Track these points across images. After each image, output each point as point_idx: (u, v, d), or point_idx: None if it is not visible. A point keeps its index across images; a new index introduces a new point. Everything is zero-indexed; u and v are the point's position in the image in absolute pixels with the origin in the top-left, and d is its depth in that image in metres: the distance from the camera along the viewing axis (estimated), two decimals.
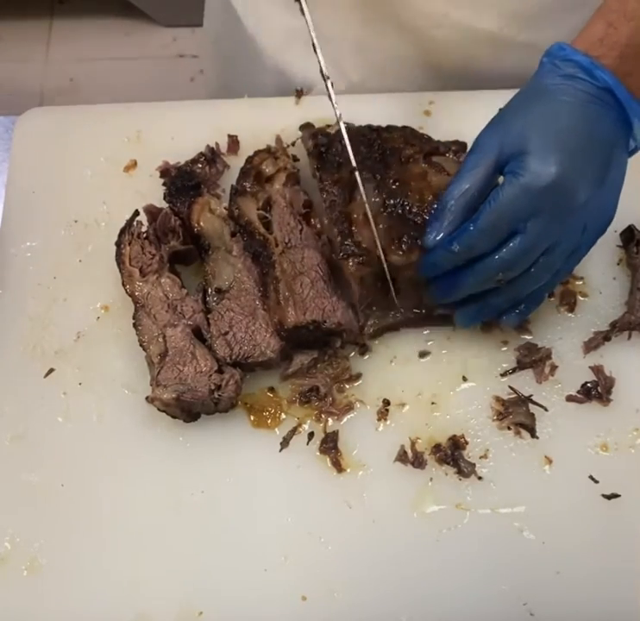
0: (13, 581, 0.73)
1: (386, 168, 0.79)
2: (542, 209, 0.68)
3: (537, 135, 0.69)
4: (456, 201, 0.71)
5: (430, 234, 0.72)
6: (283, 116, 0.93)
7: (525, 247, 0.70)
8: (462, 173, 0.72)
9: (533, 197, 0.68)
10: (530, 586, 0.73)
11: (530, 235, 0.69)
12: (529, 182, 0.68)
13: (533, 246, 0.70)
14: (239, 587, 0.73)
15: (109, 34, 2.35)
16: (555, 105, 0.70)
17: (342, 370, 0.80)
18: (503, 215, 0.69)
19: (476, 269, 0.72)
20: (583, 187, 0.69)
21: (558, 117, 0.70)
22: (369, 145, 0.81)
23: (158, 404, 0.75)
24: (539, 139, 0.68)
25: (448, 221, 0.71)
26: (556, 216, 0.69)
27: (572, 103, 0.69)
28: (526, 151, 0.68)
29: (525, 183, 0.68)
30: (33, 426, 0.79)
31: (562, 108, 0.70)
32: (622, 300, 0.84)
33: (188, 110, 0.96)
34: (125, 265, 0.81)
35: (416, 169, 0.79)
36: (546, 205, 0.68)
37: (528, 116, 0.70)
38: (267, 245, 0.80)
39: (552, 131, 0.69)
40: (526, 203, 0.68)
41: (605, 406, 0.79)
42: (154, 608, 0.72)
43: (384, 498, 0.76)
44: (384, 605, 0.72)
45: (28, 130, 0.94)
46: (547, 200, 0.68)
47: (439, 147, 0.84)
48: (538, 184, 0.67)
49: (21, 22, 2.36)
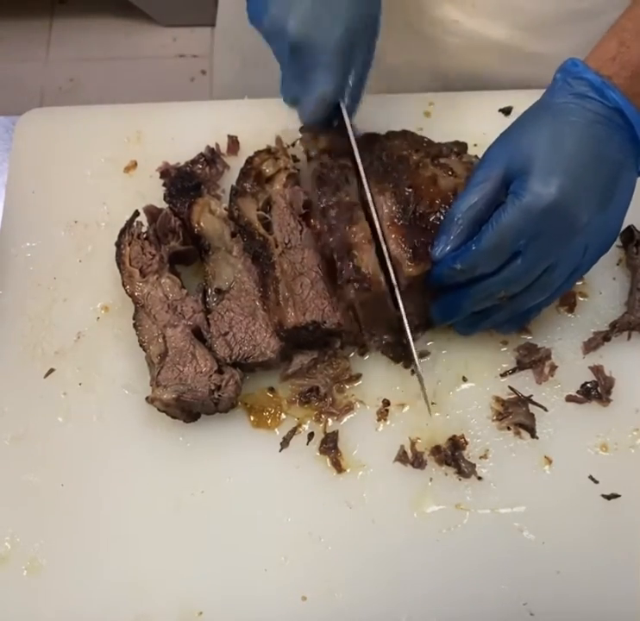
0: (13, 581, 0.73)
1: (399, 177, 0.79)
2: (543, 230, 0.68)
3: (541, 156, 0.69)
4: (464, 215, 0.71)
5: (438, 247, 0.73)
6: (283, 116, 0.92)
7: (526, 267, 0.70)
8: (470, 187, 0.72)
9: (534, 219, 0.68)
10: (530, 585, 0.73)
11: (531, 255, 0.70)
12: (529, 203, 0.68)
13: (534, 266, 0.71)
14: (239, 587, 0.73)
15: (109, 34, 2.35)
16: (562, 126, 0.70)
17: (342, 370, 0.80)
18: (504, 236, 0.69)
19: (478, 288, 0.73)
20: (585, 209, 0.69)
21: (564, 138, 0.69)
22: (378, 156, 0.81)
23: (158, 405, 0.75)
24: (543, 160, 0.68)
25: (455, 234, 0.72)
26: (557, 237, 0.69)
27: (580, 124, 0.69)
28: (529, 171, 0.68)
29: (526, 204, 0.68)
30: (33, 426, 0.79)
31: (570, 129, 0.69)
32: (622, 300, 0.84)
33: (188, 111, 0.96)
34: (125, 265, 0.81)
35: (426, 173, 0.79)
36: (547, 227, 0.68)
37: (535, 134, 0.70)
38: (267, 245, 0.80)
39: (557, 153, 0.69)
40: (527, 224, 0.68)
41: (604, 406, 0.80)
42: (154, 608, 0.72)
43: (384, 498, 0.76)
44: (384, 605, 0.73)
45: (28, 130, 0.94)
46: (547, 222, 0.68)
47: (442, 150, 0.84)
48: (538, 205, 0.67)
49: (21, 22, 2.36)
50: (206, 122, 0.93)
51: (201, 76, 2.32)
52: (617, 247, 0.86)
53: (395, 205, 0.77)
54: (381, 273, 0.75)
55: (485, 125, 0.89)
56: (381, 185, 0.79)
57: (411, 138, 0.84)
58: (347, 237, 0.76)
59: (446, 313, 0.78)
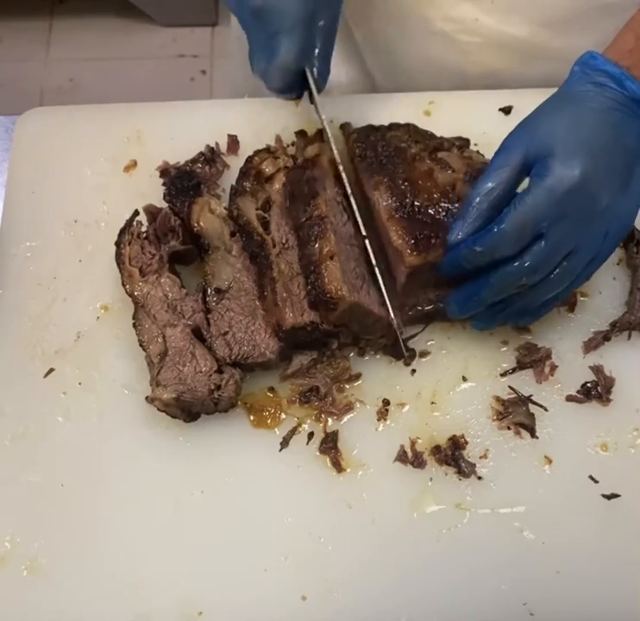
0: (13, 581, 0.73)
1: (394, 169, 0.79)
2: (567, 212, 0.69)
3: (563, 139, 0.69)
4: (481, 200, 0.71)
5: (454, 231, 0.72)
6: (283, 115, 0.93)
7: (549, 250, 0.70)
8: (488, 173, 0.72)
9: (557, 200, 0.68)
10: (530, 585, 0.73)
11: (554, 238, 0.69)
12: (553, 185, 0.68)
13: (556, 249, 0.70)
14: (239, 587, 0.73)
15: (109, 34, 2.35)
16: (582, 111, 0.71)
17: (342, 370, 0.80)
18: (527, 217, 0.69)
19: (498, 275, 0.72)
20: (606, 192, 0.69)
21: (584, 122, 0.70)
22: (373, 147, 0.81)
23: (158, 404, 0.75)
24: (564, 142, 0.69)
25: (472, 219, 0.72)
26: (580, 219, 0.70)
27: (599, 110, 0.70)
28: (551, 154, 0.69)
29: (550, 185, 0.68)
30: (33, 426, 0.79)
31: (589, 113, 0.70)
32: (622, 300, 0.84)
33: (188, 110, 0.96)
34: (125, 265, 0.81)
35: (422, 167, 0.79)
36: (570, 208, 0.69)
37: (555, 120, 0.71)
38: (265, 245, 0.79)
39: (577, 135, 0.69)
40: (551, 205, 0.68)
41: (604, 406, 0.79)
42: (154, 608, 0.72)
43: (384, 498, 0.76)
44: (383, 605, 0.72)
45: (28, 130, 0.94)
46: (571, 203, 0.68)
47: (443, 143, 0.84)
48: (563, 186, 0.68)
49: (21, 22, 2.36)
50: (206, 122, 0.93)
51: (201, 76, 2.32)
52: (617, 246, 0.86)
53: (391, 199, 0.77)
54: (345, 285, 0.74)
55: (485, 124, 0.89)
56: (376, 178, 0.79)
57: (414, 130, 0.84)
58: (313, 254, 0.76)
59: (464, 305, 0.76)
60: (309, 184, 0.79)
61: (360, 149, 0.81)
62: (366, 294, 0.76)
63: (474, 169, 0.80)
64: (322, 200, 0.78)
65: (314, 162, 0.82)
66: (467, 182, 0.79)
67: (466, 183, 0.79)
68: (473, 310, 0.77)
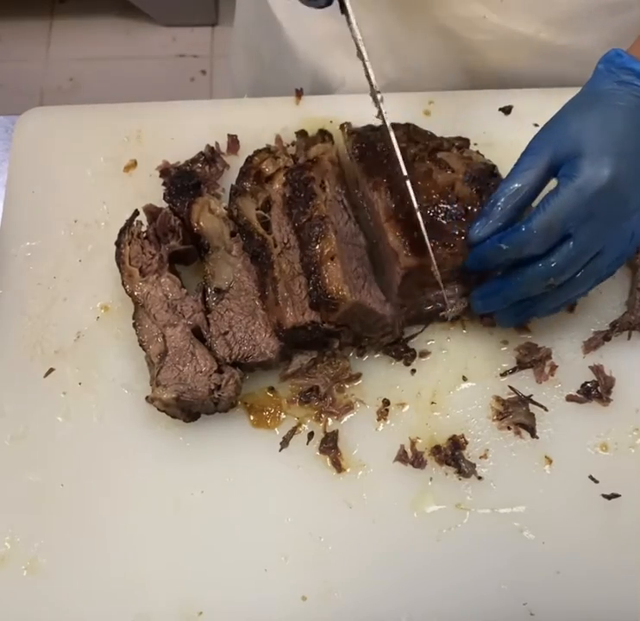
0: (13, 581, 0.73)
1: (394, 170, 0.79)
2: (595, 213, 0.69)
3: (591, 139, 0.69)
4: (506, 200, 0.71)
5: (476, 229, 0.73)
6: (283, 115, 0.93)
7: (576, 251, 0.70)
8: (515, 173, 0.72)
9: (586, 201, 0.68)
10: (530, 585, 0.73)
11: (582, 238, 0.69)
12: (583, 185, 0.68)
13: (584, 250, 0.70)
14: (239, 587, 0.73)
15: (109, 33, 2.35)
16: (609, 110, 0.71)
17: (342, 370, 0.80)
18: (556, 218, 0.69)
19: (526, 275, 0.72)
20: (636, 192, 0.69)
21: (612, 122, 0.70)
22: (373, 148, 0.81)
23: (158, 404, 0.75)
24: (593, 142, 0.69)
25: (496, 219, 0.72)
26: (608, 220, 0.70)
27: (627, 109, 0.70)
28: (580, 154, 0.69)
29: (579, 185, 0.68)
30: (33, 426, 0.79)
31: (617, 112, 0.70)
32: (622, 300, 0.84)
33: (188, 110, 0.96)
34: (125, 265, 0.81)
35: (421, 168, 0.79)
36: (599, 209, 0.69)
37: (582, 120, 0.71)
38: (266, 245, 0.79)
39: (606, 135, 0.69)
40: (579, 206, 0.68)
41: (605, 406, 0.79)
42: (154, 608, 0.72)
43: (384, 498, 0.76)
44: (384, 605, 0.72)
45: (28, 130, 0.94)
46: (600, 204, 0.68)
47: (443, 143, 0.84)
48: (592, 186, 0.68)
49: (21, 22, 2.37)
50: (206, 122, 0.93)
51: (201, 76, 2.32)
52: None
53: (390, 200, 0.77)
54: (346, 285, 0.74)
55: (485, 124, 0.89)
56: (375, 179, 0.79)
57: (413, 130, 0.84)
58: (314, 255, 0.76)
59: (489, 301, 0.77)
60: (309, 184, 0.79)
61: (360, 150, 0.81)
62: (367, 293, 0.76)
63: (474, 169, 0.80)
64: (321, 200, 0.78)
65: (314, 162, 0.82)
66: (467, 182, 0.79)
67: (465, 183, 0.79)
68: (497, 306, 0.78)
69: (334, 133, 0.88)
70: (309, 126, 0.90)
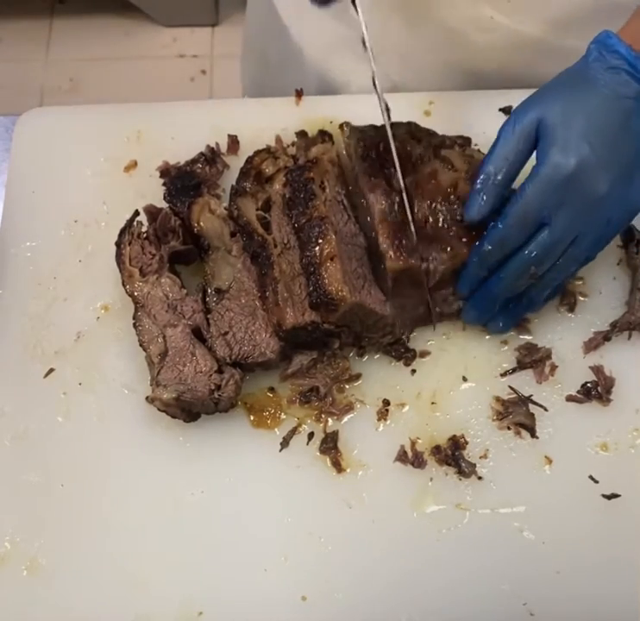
0: (13, 581, 0.73)
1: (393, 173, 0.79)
2: (566, 200, 0.70)
3: (567, 125, 0.70)
4: (496, 170, 0.73)
5: (472, 206, 0.74)
6: (283, 115, 0.93)
7: (553, 239, 0.71)
8: (501, 144, 0.73)
9: (555, 189, 0.69)
10: (530, 585, 0.73)
11: (557, 226, 0.71)
12: (550, 173, 0.69)
13: (560, 238, 0.72)
14: (239, 587, 0.73)
15: (109, 34, 2.35)
16: (590, 96, 0.71)
17: (342, 370, 0.80)
18: (529, 207, 0.70)
19: (508, 269, 0.74)
20: (606, 180, 0.70)
21: (594, 109, 0.70)
22: (376, 148, 0.81)
23: (158, 404, 0.75)
24: (567, 130, 0.70)
25: (490, 192, 0.73)
26: (580, 207, 0.71)
27: (611, 97, 0.70)
28: (553, 140, 0.70)
29: (547, 174, 0.69)
30: (33, 426, 0.79)
31: (597, 99, 0.71)
32: (622, 300, 0.84)
33: (188, 110, 0.96)
34: (125, 265, 0.81)
35: (425, 169, 0.79)
36: (568, 197, 0.70)
37: (564, 102, 0.71)
38: (266, 245, 0.79)
39: (583, 122, 0.70)
40: (550, 194, 0.70)
41: (605, 406, 0.79)
42: (154, 608, 0.72)
43: (384, 498, 0.76)
44: (384, 605, 0.72)
45: (28, 130, 0.94)
46: (568, 192, 0.69)
47: (445, 141, 0.84)
48: (559, 175, 0.69)
49: (21, 22, 2.37)
50: (206, 122, 0.93)
51: (201, 76, 2.32)
52: (617, 246, 0.86)
53: (386, 202, 0.77)
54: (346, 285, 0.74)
55: (485, 124, 0.89)
56: (374, 180, 0.79)
57: (415, 128, 0.84)
58: (314, 256, 0.76)
59: (481, 308, 0.78)
60: (308, 184, 0.79)
61: (363, 150, 0.81)
62: (367, 293, 0.76)
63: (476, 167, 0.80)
64: (321, 201, 0.78)
65: (314, 162, 0.81)
66: (469, 181, 0.79)
67: (467, 181, 0.79)
68: (489, 311, 0.78)
69: (334, 133, 0.88)
70: (309, 126, 0.90)
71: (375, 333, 0.79)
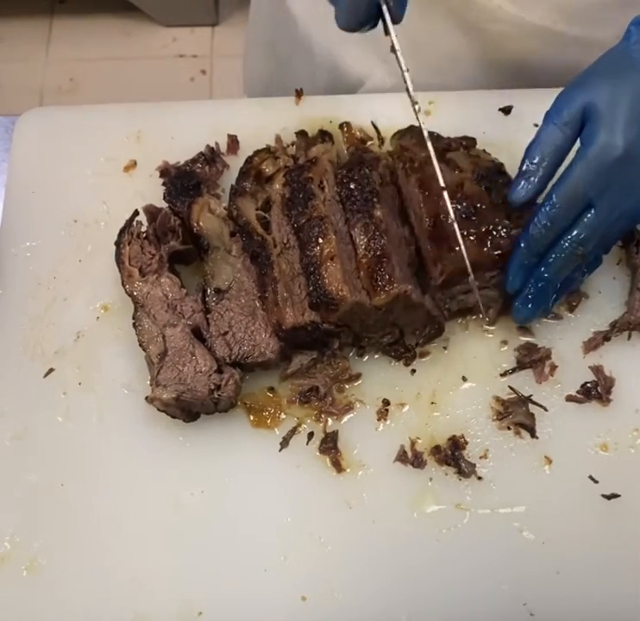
0: (13, 581, 0.73)
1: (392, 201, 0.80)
2: (613, 182, 0.70)
3: (614, 106, 0.70)
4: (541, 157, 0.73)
5: (520, 191, 0.74)
6: (283, 115, 0.93)
7: (599, 219, 0.72)
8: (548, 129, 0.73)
9: (603, 170, 0.70)
10: (530, 586, 0.73)
11: (603, 207, 0.72)
12: (598, 154, 0.70)
13: (606, 218, 0.72)
14: (239, 587, 0.73)
15: (109, 34, 2.35)
16: (637, 78, 0.71)
17: (342, 370, 0.80)
18: (575, 189, 0.71)
19: (556, 250, 0.74)
20: None
21: (637, 91, 0.71)
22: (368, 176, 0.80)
23: (158, 404, 0.75)
24: (616, 110, 0.70)
25: (536, 177, 0.74)
26: (626, 189, 0.71)
27: None
28: (600, 122, 0.70)
29: (594, 155, 0.70)
30: (33, 426, 0.79)
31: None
32: (622, 300, 0.84)
33: (188, 110, 0.96)
34: (125, 265, 0.81)
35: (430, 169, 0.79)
36: (616, 178, 0.70)
37: (610, 83, 0.72)
38: (266, 245, 0.79)
39: (627, 103, 0.70)
40: (597, 175, 0.70)
41: (605, 406, 0.79)
42: (154, 608, 0.72)
43: (384, 498, 0.76)
44: (384, 605, 0.72)
45: (28, 130, 0.94)
46: (616, 173, 0.70)
47: (451, 144, 0.83)
48: (607, 156, 0.69)
49: (21, 22, 2.37)
50: (206, 122, 0.93)
51: (201, 76, 2.32)
52: (617, 246, 0.86)
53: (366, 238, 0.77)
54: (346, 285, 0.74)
55: (485, 124, 0.89)
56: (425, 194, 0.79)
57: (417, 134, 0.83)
58: (313, 255, 0.76)
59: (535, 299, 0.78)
60: (307, 184, 0.79)
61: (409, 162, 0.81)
62: (367, 293, 0.76)
63: (482, 167, 0.80)
64: (320, 201, 0.78)
65: (313, 162, 0.81)
66: (476, 181, 0.79)
67: (474, 182, 0.79)
68: (545, 301, 0.78)
69: (334, 133, 0.88)
70: (309, 126, 0.90)
71: (375, 333, 0.79)
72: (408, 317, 0.78)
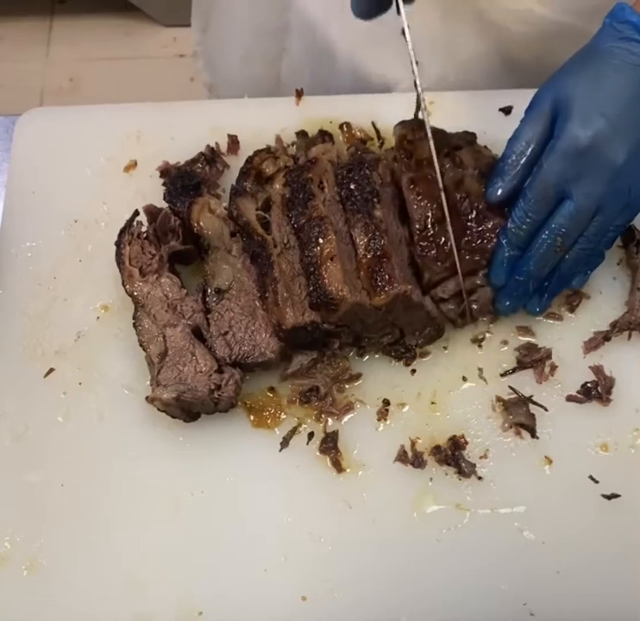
0: (13, 581, 0.73)
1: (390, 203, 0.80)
2: (583, 172, 0.71)
3: (581, 99, 0.71)
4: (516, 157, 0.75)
5: (492, 187, 0.76)
6: (283, 115, 0.93)
7: (576, 209, 0.73)
8: (521, 128, 0.75)
9: (573, 161, 0.71)
10: (530, 585, 0.73)
11: (578, 197, 0.72)
12: (566, 146, 0.71)
13: (583, 208, 0.73)
14: (239, 587, 0.73)
15: (109, 34, 2.35)
16: (605, 69, 0.72)
17: (342, 370, 0.80)
18: (548, 181, 0.72)
19: (534, 243, 0.75)
20: (624, 149, 0.71)
21: (606, 81, 0.72)
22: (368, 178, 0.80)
23: (158, 404, 0.75)
24: (582, 102, 0.71)
25: (510, 177, 0.75)
26: (600, 177, 0.72)
27: (624, 67, 0.71)
28: (569, 114, 0.71)
29: (564, 147, 0.71)
30: (33, 426, 0.79)
31: (612, 72, 0.72)
32: (622, 300, 0.84)
33: (188, 110, 0.96)
34: (125, 265, 0.81)
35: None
36: (587, 168, 0.71)
37: (577, 77, 0.73)
38: (266, 245, 0.79)
39: (596, 95, 0.71)
40: (568, 166, 0.71)
41: (605, 406, 0.79)
42: (154, 608, 0.72)
43: (384, 498, 0.76)
44: (384, 605, 0.72)
45: (28, 130, 0.94)
46: (587, 163, 0.71)
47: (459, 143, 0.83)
48: (575, 148, 0.71)
49: (22, 22, 2.37)
50: (206, 122, 0.93)
51: None
52: (617, 246, 0.86)
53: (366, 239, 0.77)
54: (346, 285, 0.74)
55: (485, 124, 0.89)
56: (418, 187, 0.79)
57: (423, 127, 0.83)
58: (314, 256, 0.76)
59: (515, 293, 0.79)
60: (307, 184, 0.79)
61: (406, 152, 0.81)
62: (367, 294, 0.76)
63: (483, 164, 0.80)
64: (319, 201, 0.78)
65: (313, 163, 0.82)
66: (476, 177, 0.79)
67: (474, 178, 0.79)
68: (525, 295, 0.79)
69: (334, 133, 0.88)
70: (309, 126, 0.91)
71: (375, 333, 0.79)
72: (408, 318, 0.78)
